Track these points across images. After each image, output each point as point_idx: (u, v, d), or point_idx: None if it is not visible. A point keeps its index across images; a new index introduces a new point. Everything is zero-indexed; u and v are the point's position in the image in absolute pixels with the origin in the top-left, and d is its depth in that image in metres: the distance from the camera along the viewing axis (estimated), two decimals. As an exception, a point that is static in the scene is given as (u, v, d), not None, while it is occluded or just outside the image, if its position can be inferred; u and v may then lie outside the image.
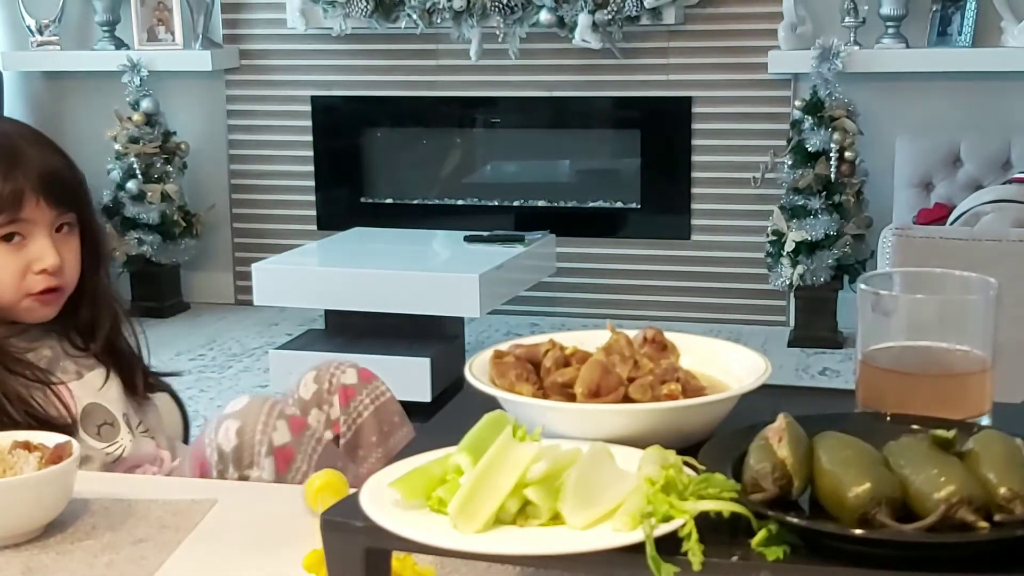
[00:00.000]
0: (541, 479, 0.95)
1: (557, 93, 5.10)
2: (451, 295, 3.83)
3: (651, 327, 1.24)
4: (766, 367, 1.14)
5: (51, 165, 1.63)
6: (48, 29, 5.51)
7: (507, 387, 1.12)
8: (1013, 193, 3.73)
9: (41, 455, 1.33)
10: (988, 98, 4.69)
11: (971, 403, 1.10)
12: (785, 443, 0.94)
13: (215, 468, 1.56)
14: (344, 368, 1.75)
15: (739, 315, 5.03)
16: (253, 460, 1.55)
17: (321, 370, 1.75)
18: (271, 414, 1.57)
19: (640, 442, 1.02)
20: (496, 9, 4.85)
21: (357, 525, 0.96)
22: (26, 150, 1.62)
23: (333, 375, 1.74)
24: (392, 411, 1.75)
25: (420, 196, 5.31)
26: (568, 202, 5.27)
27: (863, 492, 0.88)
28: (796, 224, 4.57)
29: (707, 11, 4.87)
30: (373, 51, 5.23)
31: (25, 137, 1.66)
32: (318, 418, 1.72)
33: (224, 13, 5.41)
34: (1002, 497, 0.88)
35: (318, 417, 1.72)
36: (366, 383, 1.75)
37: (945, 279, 1.16)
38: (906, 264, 2.75)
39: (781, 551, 0.88)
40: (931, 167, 4.63)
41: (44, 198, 1.61)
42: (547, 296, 5.12)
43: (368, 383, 1.75)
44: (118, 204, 5.25)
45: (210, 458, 1.57)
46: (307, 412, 1.71)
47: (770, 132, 4.84)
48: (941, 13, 4.69)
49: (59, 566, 1.25)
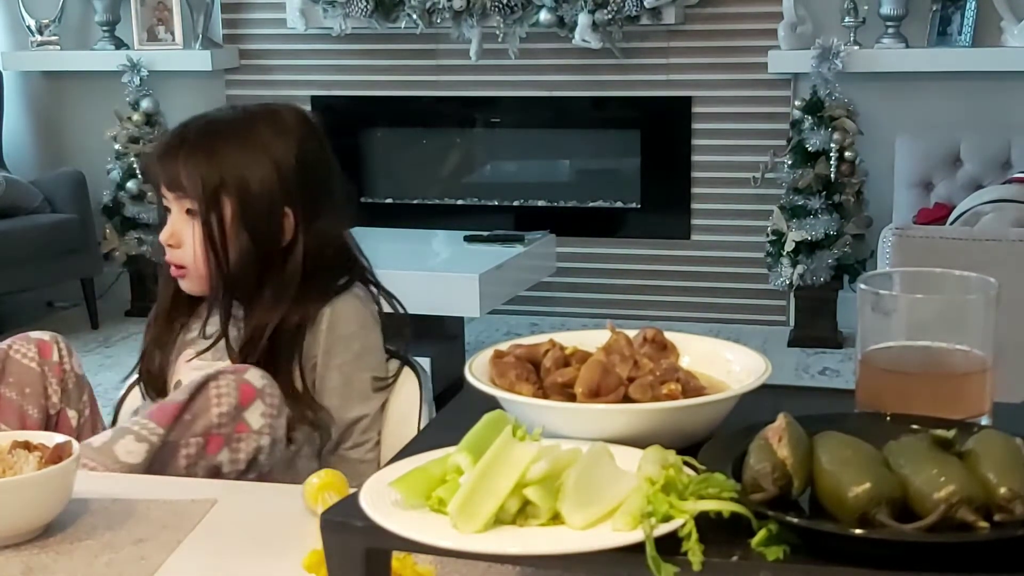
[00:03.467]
0: (541, 479, 0.95)
1: (557, 93, 5.10)
2: (451, 295, 3.83)
3: (651, 327, 1.24)
4: (766, 367, 1.14)
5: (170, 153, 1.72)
6: (48, 29, 5.51)
7: (507, 387, 1.12)
8: (1013, 193, 3.73)
9: (41, 455, 1.33)
10: (988, 98, 4.69)
11: (971, 403, 1.10)
12: (785, 443, 0.94)
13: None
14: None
15: (739, 315, 5.03)
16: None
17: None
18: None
19: (640, 442, 1.02)
20: (496, 9, 4.85)
21: (357, 525, 0.96)
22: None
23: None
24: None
25: (420, 196, 5.31)
26: (568, 202, 5.27)
27: (863, 492, 0.88)
28: (796, 224, 4.57)
29: (707, 11, 4.87)
30: (373, 51, 5.23)
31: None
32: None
33: (224, 13, 5.41)
34: (1002, 497, 0.88)
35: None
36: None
37: (945, 279, 1.16)
38: (906, 264, 2.75)
39: (781, 551, 0.88)
40: (931, 167, 4.63)
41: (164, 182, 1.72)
42: (547, 296, 5.12)
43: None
44: (118, 204, 5.25)
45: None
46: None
47: (770, 132, 4.84)
48: (941, 13, 4.69)
49: (59, 566, 1.25)
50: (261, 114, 1.75)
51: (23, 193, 5.05)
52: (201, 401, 1.56)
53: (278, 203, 1.70)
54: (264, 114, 1.75)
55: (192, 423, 1.55)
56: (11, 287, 5.03)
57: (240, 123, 1.74)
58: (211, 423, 1.55)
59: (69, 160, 5.50)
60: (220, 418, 1.55)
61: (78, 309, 5.35)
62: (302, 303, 1.71)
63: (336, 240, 1.77)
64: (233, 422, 1.55)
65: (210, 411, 1.55)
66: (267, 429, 1.57)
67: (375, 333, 1.78)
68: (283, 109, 1.78)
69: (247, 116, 1.75)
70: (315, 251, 1.72)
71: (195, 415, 1.55)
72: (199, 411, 1.55)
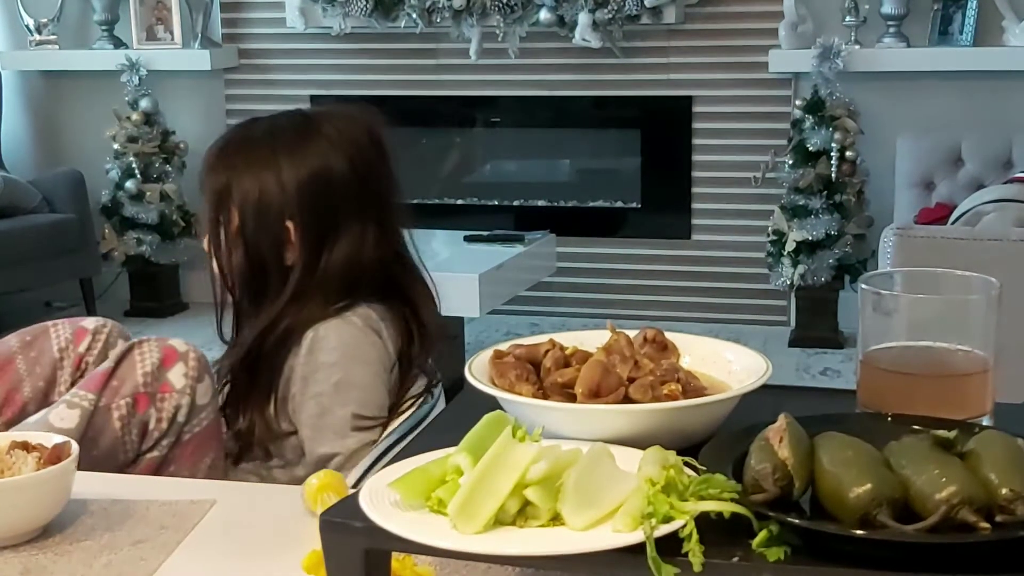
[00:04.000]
0: (541, 479, 0.95)
1: (557, 93, 5.09)
2: (451, 295, 3.81)
3: (651, 327, 1.24)
4: (767, 367, 1.14)
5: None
6: (47, 28, 5.51)
7: (507, 387, 1.12)
8: (1014, 192, 3.73)
9: (39, 455, 1.32)
10: (989, 97, 4.69)
11: (972, 403, 1.10)
12: (786, 443, 0.94)
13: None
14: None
15: (740, 315, 5.03)
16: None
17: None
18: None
19: (640, 442, 1.02)
20: (496, 8, 4.85)
21: (356, 526, 0.96)
22: None
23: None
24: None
25: (420, 196, 5.31)
26: (568, 202, 5.26)
27: (864, 493, 0.88)
28: (797, 224, 4.57)
29: (707, 10, 4.86)
30: (373, 50, 5.23)
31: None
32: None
33: (223, 12, 5.40)
34: (1003, 498, 0.88)
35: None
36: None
37: (946, 279, 1.15)
38: (907, 264, 2.75)
39: (782, 552, 0.88)
40: (932, 166, 4.62)
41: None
42: (547, 296, 5.11)
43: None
44: (117, 204, 5.25)
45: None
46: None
47: (771, 131, 4.84)
48: (942, 12, 4.68)
49: (57, 567, 1.24)
50: (302, 124, 1.73)
51: (22, 193, 5.04)
52: (127, 365, 1.61)
53: (277, 218, 1.69)
54: (304, 125, 1.72)
55: (120, 387, 1.60)
56: (9, 287, 5.03)
57: (268, 133, 1.72)
58: (137, 383, 1.60)
59: (68, 160, 5.50)
60: (144, 377, 1.60)
61: (77, 309, 5.34)
62: (287, 322, 1.69)
63: (353, 262, 1.70)
64: (157, 381, 1.60)
65: (135, 372, 1.61)
66: (188, 390, 1.62)
67: (363, 367, 1.69)
68: (337, 122, 1.73)
69: (282, 125, 1.73)
70: (318, 270, 1.69)
71: (122, 379, 1.61)
72: (125, 374, 1.61)
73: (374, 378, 1.70)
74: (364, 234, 1.72)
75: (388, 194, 1.78)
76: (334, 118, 1.75)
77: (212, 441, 1.67)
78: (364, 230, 1.72)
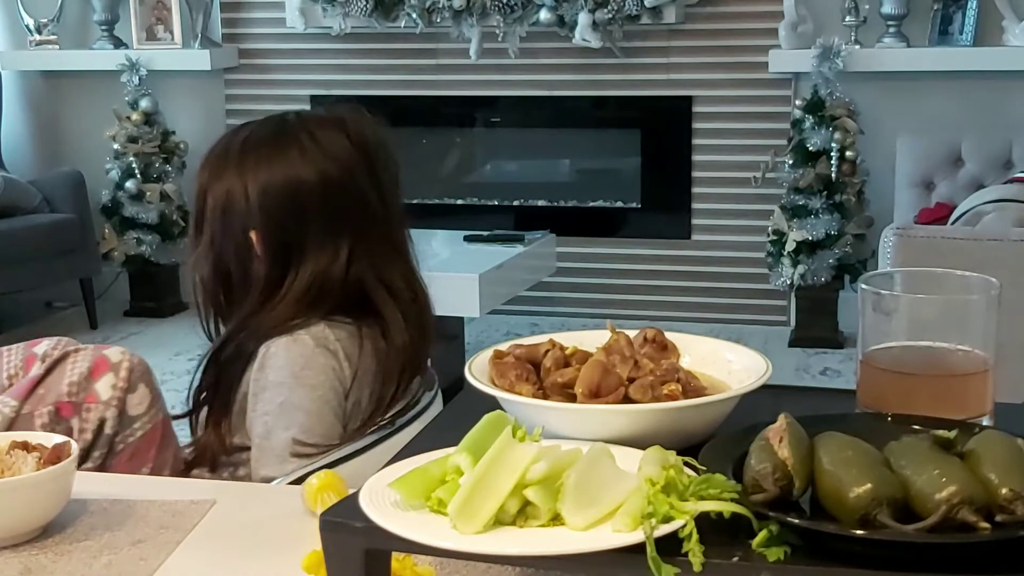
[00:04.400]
0: (541, 480, 0.95)
1: (557, 92, 5.09)
2: (451, 295, 3.82)
3: (651, 327, 1.24)
4: (767, 367, 1.14)
5: None
6: (47, 28, 5.51)
7: (507, 387, 1.12)
8: (1014, 192, 3.73)
9: (39, 455, 1.32)
10: (989, 97, 4.69)
11: (972, 403, 1.10)
12: (786, 443, 0.94)
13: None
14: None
15: (740, 315, 5.03)
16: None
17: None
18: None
19: (640, 442, 1.02)
20: (496, 8, 4.85)
21: (356, 526, 0.96)
22: None
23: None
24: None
25: (420, 196, 5.31)
26: (568, 202, 5.26)
27: (864, 493, 0.88)
28: (797, 224, 4.57)
29: (707, 10, 4.87)
30: (373, 50, 5.23)
31: None
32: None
33: (223, 12, 5.41)
34: (1003, 498, 0.88)
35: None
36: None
37: (946, 279, 1.15)
38: (907, 264, 2.75)
39: (782, 552, 0.88)
40: (932, 166, 4.63)
41: None
42: (547, 296, 5.11)
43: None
44: (117, 204, 5.25)
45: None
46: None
47: (771, 131, 4.84)
48: (942, 12, 4.69)
49: (57, 567, 1.24)
50: (278, 133, 1.67)
51: (22, 193, 5.04)
52: (56, 374, 1.61)
53: (241, 228, 1.65)
54: (279, 133, 1.67)
55: (45, 395, 1.60)
56: (10, 287, 5.03)
57: (244, 140, 1.68)
58: (61, 392, 1.59)
59: (68, 160, 5.50)
60: (70, 387, 1.59)
61: (77, 309, 5.34)
62: (244, 335, 1.65)
63: (319, 278, 1.63)
64: (83, 391, 1.59)
65: (62, 381, 1.60)
66: (115, 401, 1.60)
67: (307, 391, 1.60)
68: (318, 131, 1.66)
69: (258, 133, 1.68)
70: (284, 284, 1.64)
71: (48, 387, 1.60)
72: (52, 383, 1.60)
73: (320, 404, 1.61)
74: (335, 251, 1.63)
75: (370, 208, 1.67)
76: (316, 127, 1.68)
77: (151, 450, 1.64)
78: (336, 246, 1.64)
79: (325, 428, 1.61)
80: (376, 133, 1.74)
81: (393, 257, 1.70)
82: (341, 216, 1.65)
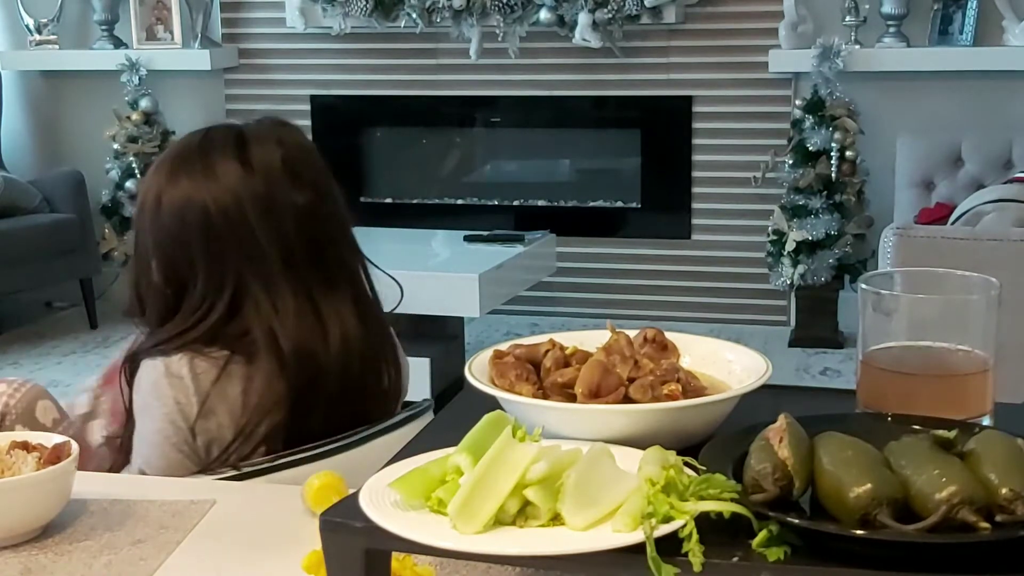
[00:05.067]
0: (541, 480, 0.95)
1: (557, 92, 5.09)
2: (451, 295, 3.83)
3: (651, 327, 1.24)
4: (767, 367, 1.14)
5: None
6: (47, 28, 5.51)
7: (507, 387, 1.12)
8: (1014, 192, 3.73)
9: (39, 455, 1.32)
10: (989, 97, 4.69)
11: (972, 403, 1.10)
12: (786, 443, 0.94)
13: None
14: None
15: (740, 315, 5.03)
16: None
17: None
18: None
19: (640, 442, 1.02)
20: (496, 8, 4.85)
21: (356, 526, 0.96)
22: None
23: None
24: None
25: (420, 196, 5.31)
26: (568, 202, 5.26)
27: (864, 493, 0.88)
28: (797, 224, 4.57)
29: (707, 10, 4.87)
30: (372, 50, 5.23)
31: None
32: None
33: (223, 12, 5.41)
34: (1003, 498, 0.88)
35: None
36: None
37: (946, 279, 1.15)
38: (907, 264, 2.75)
39: (782, 552, 0.88)
40: (932, 166, 4.63)
41: None
42: (547, 296, 5.11)
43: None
44: (117, 204, 5.25)
45: None
46: None
47: (771, 131, 4.84)
48: (942, 12, 4.69)
49: (57, 567, 1.24)
50: (192, 149, 1.64)
51: (22, 193, 5.04)
52: None
53: (142, 239, 1.63)
54: (192, 150, 1.64)
55: None
56: (10, 287, 5.03)
57: (168, 151, 1.69)
58: None
59: (68, 160, 5.50)
60: None
61: (77, 309, 5.34)
62: (135, 349, 1.61)
63: (200, 306, 1.57)
64: None
65: None
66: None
67: (149, 422, 1.56)
68: (231, 151, 1.62)
69: (179, 145, 1.68)
70: (179, 302, 1.59)
71: None
72: None
73: (160, 439, 1.56)
74: (220, 284, 1.56)
75: (260, 248, 1.57)
76: (233, 147, 1.62)
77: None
78: (221, 280, 1.56)
79: (161, 465, 1.56)
80: (305, 153, 1.66)
81: (294, 303, 1.57)
82: (230, 247, 1.57)
